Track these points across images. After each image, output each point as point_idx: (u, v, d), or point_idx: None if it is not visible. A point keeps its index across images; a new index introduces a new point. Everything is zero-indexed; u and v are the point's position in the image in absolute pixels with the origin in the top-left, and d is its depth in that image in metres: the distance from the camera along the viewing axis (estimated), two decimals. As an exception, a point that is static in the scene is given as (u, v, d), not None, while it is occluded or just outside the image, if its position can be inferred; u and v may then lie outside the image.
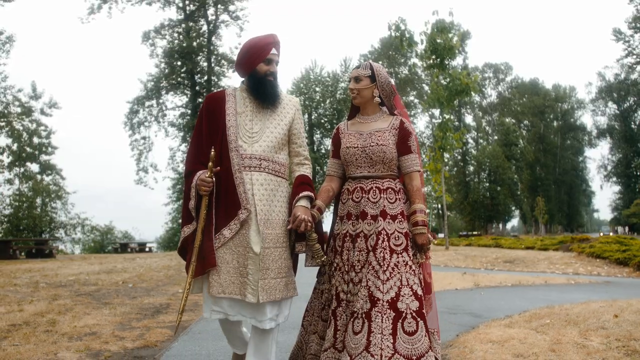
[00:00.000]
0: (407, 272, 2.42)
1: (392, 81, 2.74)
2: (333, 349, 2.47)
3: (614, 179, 60.93)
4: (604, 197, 77.75)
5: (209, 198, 2.53)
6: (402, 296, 2.36)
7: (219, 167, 2.55)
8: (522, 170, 59.95)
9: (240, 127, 2.64)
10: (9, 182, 31.33)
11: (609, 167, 61.73)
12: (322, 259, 2.58)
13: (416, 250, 2.50)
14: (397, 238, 2.49)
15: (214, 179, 2.52)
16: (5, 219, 29.38)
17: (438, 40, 15.91)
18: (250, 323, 2.55)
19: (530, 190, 61.14)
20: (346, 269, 2.55)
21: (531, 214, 58.09)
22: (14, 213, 29.55)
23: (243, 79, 2.76)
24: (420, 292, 2.41)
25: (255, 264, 2.48)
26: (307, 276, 3.47)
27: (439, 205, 46.86)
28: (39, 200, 31.58)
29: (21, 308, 5.65)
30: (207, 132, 2.67)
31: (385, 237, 2.47)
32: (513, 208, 61.66)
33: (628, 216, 50.23)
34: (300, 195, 2.60)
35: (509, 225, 72.18)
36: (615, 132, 60.45)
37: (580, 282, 9.00)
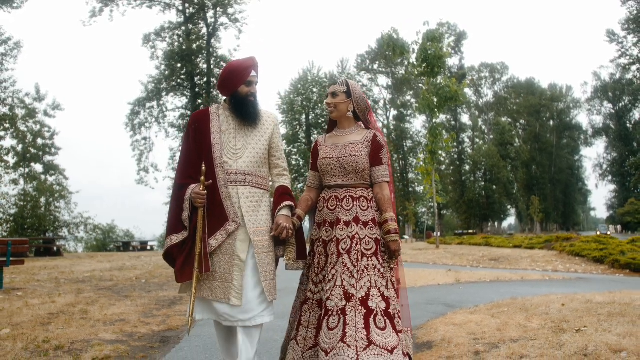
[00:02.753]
0: (375, 274, 2.62)
1: (366, 97, 2.97)
2: (294, 341, 2.70)
3: (609, 177, 61.78)
4: (600, 195, 78.75)
5: (204, 209, 2.73)
6: (372, 296, 2.56)
7: (210, 181, 2.74)
8: (518, 169, 60.77)
9: (225, 144, 2.82)
10: (14, 182, 32.06)
11: (605, 166, 62.57)
12: (294, 266, 2.83)
13: (388, 256, 2.69)
14: (367, 243, 2.67)
15: (206, 191, 2.72)
16: (11, 218, 30.11)
17: (429, 51, 16.74)
18: (237, 325, 2.70)
19: (526, 189, 61.93)
20: (316, 272, 2.76)
21: (527, 212, 58.93)
22: (18, 212, 30.26)
23: (225, 98, 2.96)
24: (387, 293, 2.61)
25: (241, 270, 2.69)
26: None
27: (435, 205, 47.84)
28: (43, 200, 32.31)
29: (53, 300, 6.44)
30: (194, 148, 2.84)
31: (357, 240, 2.66)
32: (509, 207, 62.55)
33: (622, 215, 50.94)
34: (282, 205, 2.82)
35: (506, 224, 73.07)
36: (611, 131, 61.24)
37: (555, 278, 9.81)
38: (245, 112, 2.85)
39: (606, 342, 3.37)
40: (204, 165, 2.71)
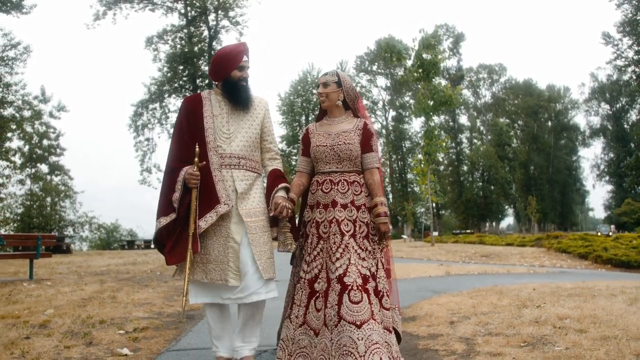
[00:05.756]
0: (367, 256, 2.78)
1: (356, 87, 3.25)
2: (288, 320, 2.83)
3: (607, 178, 62.41)
4: (598, 196, 79.59)
5: (197, 190, 2.78)
6: (350, 273, 2.64)
7: (204, 162, 2.80)
8: (516, 169, 61.43)
9: (218, 128, 2.87)
10: (21, 182, 32.87)
11: (602, 167, 63.21)
12: (292, 245, 2.89)
13: (378, 237, 2.83)
14: (359, 227, 2.82)
15: (199, 173, 2.79)
16: (18, 218, 30.90)
17: (424, 56, 17.53)
18: (235, 303, 2.82)
19: (523, 189, 62.54)
20: (308, 252, 2.86)
21: (524, 212, 59.61)
22: (25, 212, 31.10)
23: (217, 83, 3.00)
24: (377, 273, 2.79)
25: (236, 251, 2.76)
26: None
27: (433, 204, 48.48)
28: (48, 200, 33.11)
29: (81, 288, 7.17)
30: (187, 133, 2.88)
31: (360, 224, 2.82)
32: (507, 207, 63.24)
33: (619, 215, 51.51)
34: (279, 186, 2.89)
35: (505, 224, 73.69)
36: (608, 132, 61.89)
37: (538, 271, 10.55)
38: (237, 96, 2.92)
39: (557, 313, 4.12)
40: (197, 147, 2.78)
